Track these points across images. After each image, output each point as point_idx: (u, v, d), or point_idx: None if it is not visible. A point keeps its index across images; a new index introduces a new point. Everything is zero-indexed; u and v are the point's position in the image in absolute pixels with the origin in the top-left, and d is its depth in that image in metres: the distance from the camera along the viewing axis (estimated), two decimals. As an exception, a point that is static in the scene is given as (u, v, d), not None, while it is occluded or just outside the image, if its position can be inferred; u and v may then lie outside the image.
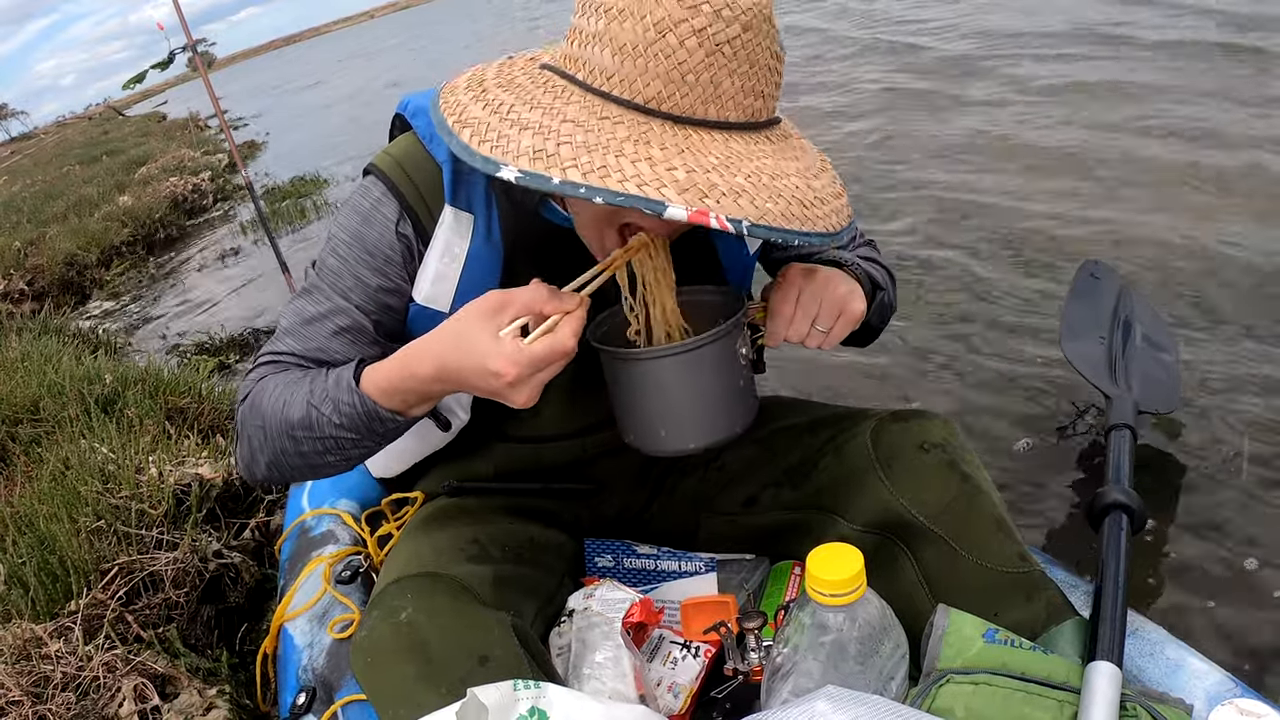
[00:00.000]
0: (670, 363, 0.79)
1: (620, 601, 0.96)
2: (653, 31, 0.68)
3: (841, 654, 0.74)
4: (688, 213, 0.64)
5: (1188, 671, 0.86)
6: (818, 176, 0.76)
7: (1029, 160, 3.22)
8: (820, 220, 0.71)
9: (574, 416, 1.02)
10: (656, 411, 0.83)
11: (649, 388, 0.82)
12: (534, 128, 0.70)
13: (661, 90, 0.69)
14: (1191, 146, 2.93)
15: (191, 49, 3.11)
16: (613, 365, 0.85)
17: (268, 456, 0.87)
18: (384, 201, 0.89)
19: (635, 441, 0.87)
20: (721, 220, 0.65)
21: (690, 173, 0.67)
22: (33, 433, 2.21)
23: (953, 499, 0.91)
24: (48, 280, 5.46)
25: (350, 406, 0.81)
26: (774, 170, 0.71)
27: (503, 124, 0.71)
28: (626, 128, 0.69)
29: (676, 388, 0.80)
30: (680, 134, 0.70)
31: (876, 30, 6.47)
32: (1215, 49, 3.82)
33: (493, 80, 0.78)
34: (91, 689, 1.24)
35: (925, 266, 2.61)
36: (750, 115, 0.73)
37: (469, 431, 1.03)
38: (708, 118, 0.71)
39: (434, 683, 0.75)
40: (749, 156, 0.71)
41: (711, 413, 0.83)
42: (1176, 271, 2.18)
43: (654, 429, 0.83)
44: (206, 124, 14.87)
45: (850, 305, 0.87)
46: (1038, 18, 5.32)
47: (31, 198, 9.30)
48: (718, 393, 0.82)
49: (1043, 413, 1.80)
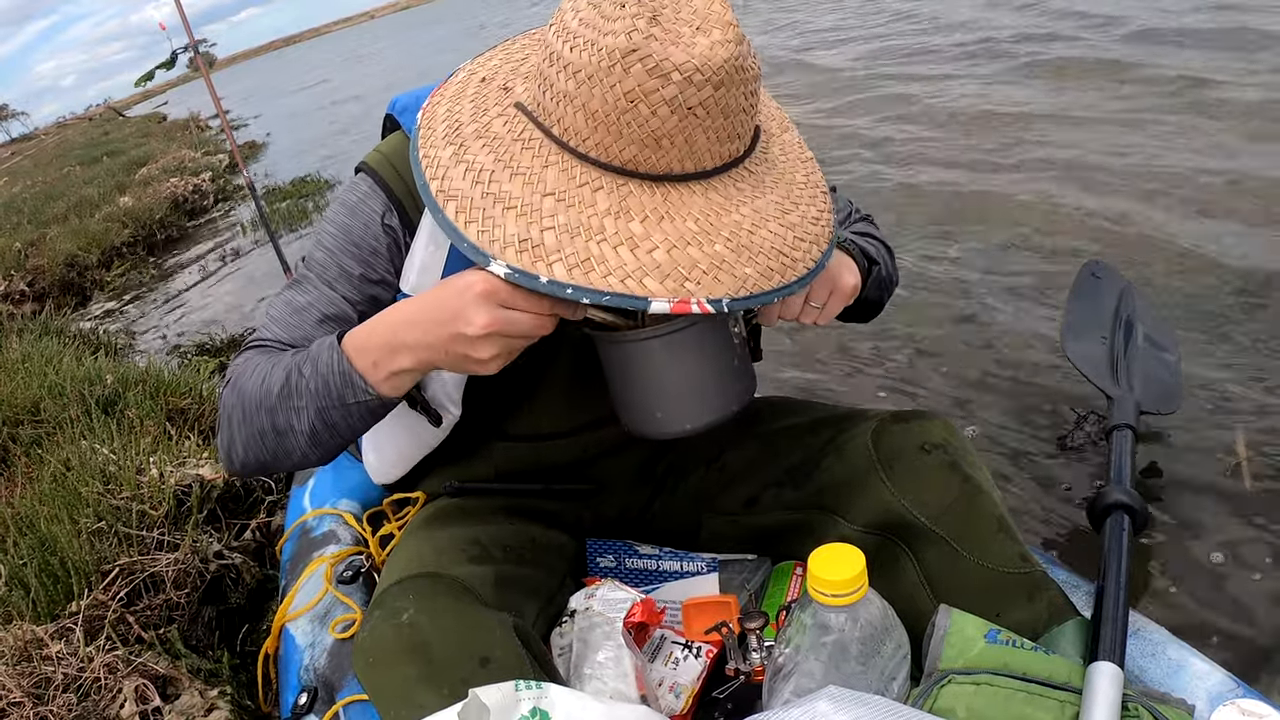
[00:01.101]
0: (662, 342, 0.79)
1: (621, 601, 0.96)
2: (624, 101, 0.68)
3: (843, 654, 0.74)
4: (670, 305, 0.67)
5: (1189, 672, 0.86)
6: (797, 203, 0.76)
7: (1030, 161, 3.22)
8: (800, 262, 0.74)
9: (573, 414, 1.02)
10: (652, 393, 0.81)
11: (643, 369, 0.81)
12: (517, 206, 0.70)
13: (637, 154, 0.70)
14: (1192, 147, 2.93)
15: (193, 49, 3.11)
16: (606, 348, 0.83)
17: (244, 437, 0.85)
18: (371, 195, 0.90)
19: (631, 425, 0.85)
20: (703, 305, 0.67)
21: (671, 251, 0.68)
22: (33, 434, 2.21)
23: (954, 499, 0.91)
24: (48, 281, 5.46)
25: (327, 366, 0.80)
26: (754, 221, 0.73)
27: (485, 200, 0.72)
28: (606, 195, 0.70)
29: (670, 368, 0.80)
30: (659, 195, 0.71)
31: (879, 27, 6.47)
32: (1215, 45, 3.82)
33: (469, 123, 0.77)
34: (93, 690, 1.24)
35: (925, 267, 2.61)
36: (727, 158, 0.74)
37: (467, 431, 1.02)
38: (685, 171, 0.72)
39: (435, 684, 0.75)
40: (728, 208, 0.72)
41: (707, 392, 0.82)
42: (1176, 272, 2.18)
43: (650, 412, 0.82)
44: (207, 124, 14.88)
45: (842, 280, 0.88)
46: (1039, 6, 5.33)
47: (32, 199, 9.30)
48: (712, 372, 0.81)
49: (1044, 413, 1.80)
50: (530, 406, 1.00)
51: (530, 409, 1.00)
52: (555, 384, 0.98)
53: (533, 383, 0.97)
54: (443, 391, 0.96)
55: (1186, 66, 3.71)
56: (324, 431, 0.83)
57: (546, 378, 0.97)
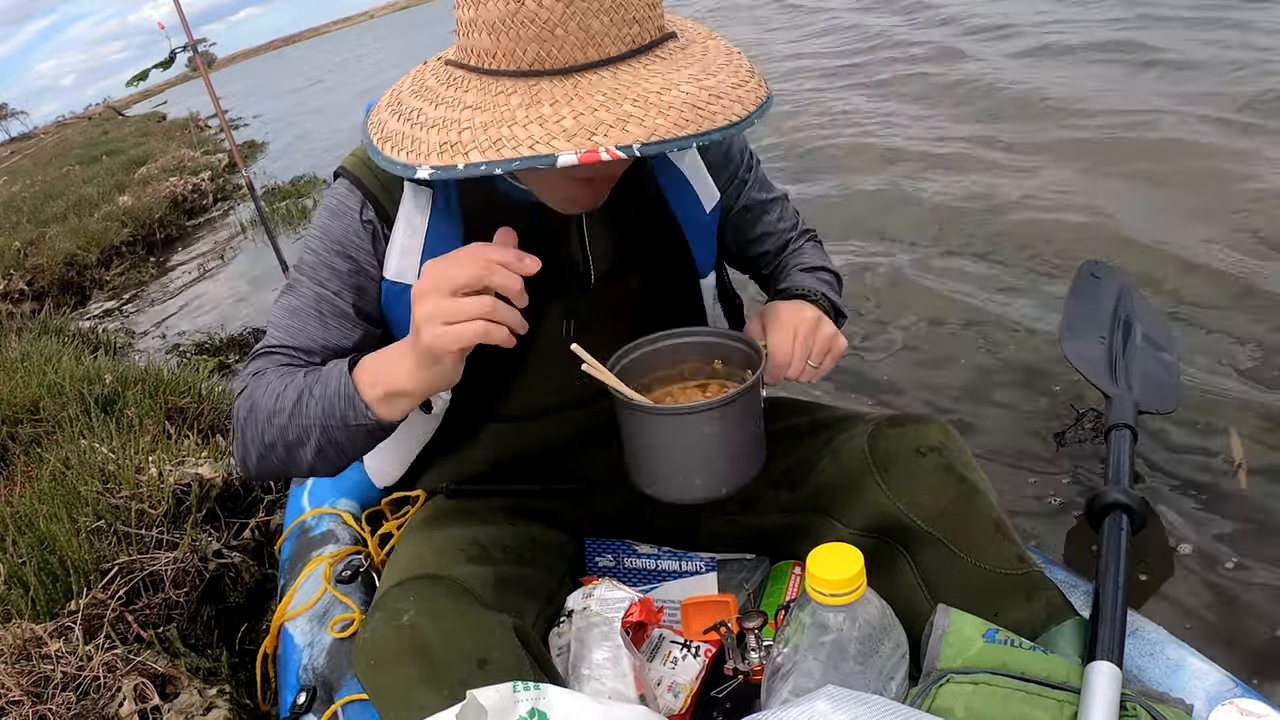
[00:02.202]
0: (717, 414, 0.82)
1: (619, 601, 0.96)
2: (512, 4, 0.71)
3: (841, 654, 0.74)
4: (577, 156, 0.68)
5: (1188, 671, 0.86)
6: (715, 74, 0.77)
7: (1028, 161, 3.22)
8: (720, 115, 0.73)
9: (558, 391, 1.03)
10: (695, 460, 0.85)
11: (690, 439, 0.84)
12: (439, 124, 0.75)
13: (539, 51, 0.73)
14: (1193, 146, 2.93)
15: (192, 48, 3.11)
16: (648, 421, 0.86)
17: (257, 449, 0.89)
18: (349, 195, 0.95)
19: (659, 491, 0.88)
20: (611, 151, 0.68)
21: (578, 117, 0.70)
22: (33, 433, 2.21)
23: (950, 502, 0.91)
24: (48, 280, 5.45)
25: (335, 390, 0.84)
26: (663, 85, 0.73)
27: (415, 129, 0.77)
28: (519, 95, 0.73)
29: (718, 436, 0.83)
30: (568, 84, 0.72)
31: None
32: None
33: (408, 91, 0.84)
34: (91, 689, 1.24)
35: (924, 268, 2.61)
36: (632, 43, 0.75)
37: (459, 417, 1.04)
38: (589, 60, 0.73)
39: (435, 685, 0.75)
40: (637, 81, 0.73)
41: (745, 455, 0.87)
42: (1176, 272, 2.18)
43: (689, 479, 0.86)
44: (206, 124, 14.86)
45: (837, 343, 0.95)
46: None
47: (31, 198, 9.29)
48: (750, 435, 0.86)
49: (1043, 413, 1.80)
50: (516, 385, 1.03)
51: (517, 388, 1.03)
52: (538, 363, 1.00)
53: (517, 363, 0.99)
54: None
55: (1188, 61, 3.72)
56: (330, 449, 0.87)
57: (529, 358, 0.99)
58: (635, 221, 1.00)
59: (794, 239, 1.16)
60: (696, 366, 0.97)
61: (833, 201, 3.37)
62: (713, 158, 1.05)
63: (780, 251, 1.15)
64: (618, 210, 0.97)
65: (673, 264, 1.04)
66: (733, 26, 9.21)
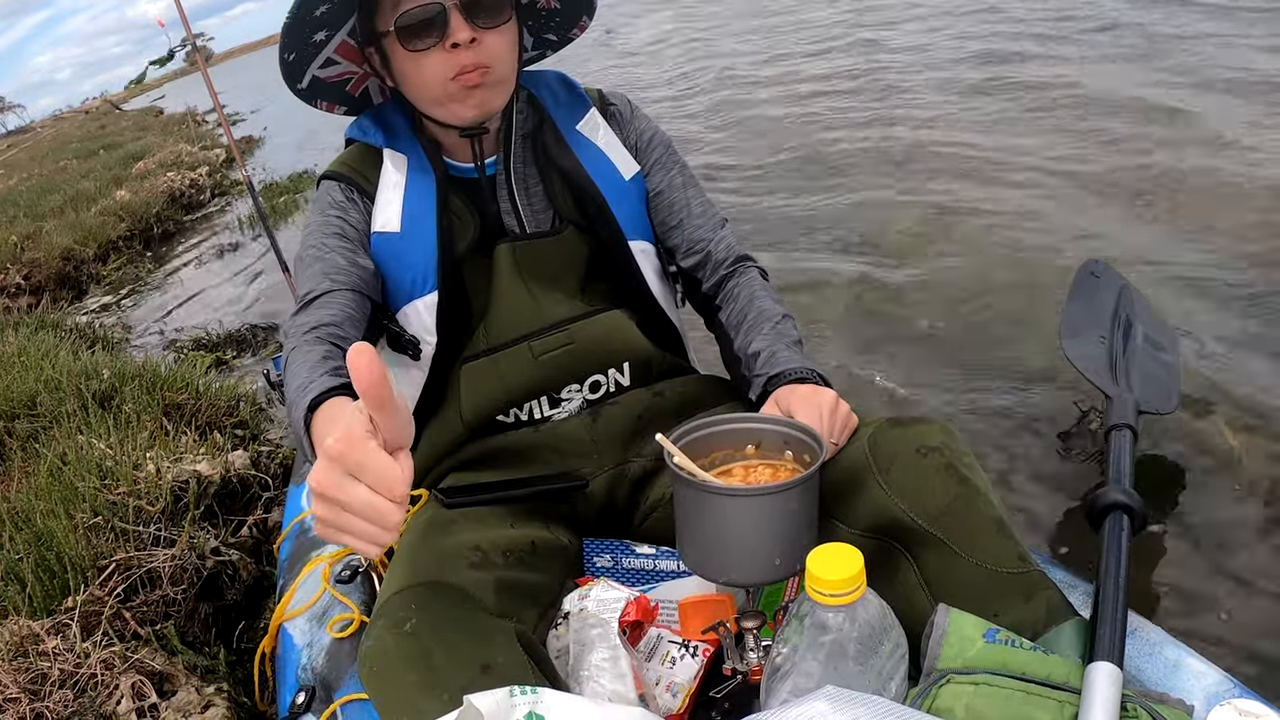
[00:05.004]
0: (800, 490, 0.84)
1: (615, 601, 0.95)
2: None
3: (841, 654, 0.74)
4: None
5: (1187, 672, 0.86)
6: None
7: (1028, 162, 3.22)
8: None
9: (515, 323, 1.10)
10: (780, 538, 0.86)
11: (770, 518, 0.85)
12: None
13: None
14: (1192, 146, 2.93)
15: (191, 43, 3.09)
16: (737, 505, 0.85)
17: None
18: (333, 187, 1.11)
19: (739, 577, 0.88)
20: None
21: None
22: (30, 428, 2.21)
23: (950, 501, 0.91)
24: (44, 275, 5.44)
25: (297, 422, 0.86)
26: None
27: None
28: None
29: (792, 515, 0.85)
30: None
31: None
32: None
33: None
34: (89, 686, 1.24)
35: (923, 269, 2.61)
36: None
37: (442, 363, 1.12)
38: None
39: (438, 692, 0.76)
40: None
41: (814, 528, 0.88)
42: (1176, 272, 2.18)
43: (770, 558, 0.86)
44: (204, 119, 14.82)
45: (852, 419, 1.00)
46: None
47: (28, 192, 9.27)
48: (815, 512, 0.89)
49: (1043, 413, 1.80)
50: (481, 326, 1.12)
51: (481, 328, 1.12)
52: (496, 301, 1.11)
53: (484, 302, 1.11)
54: (420, 325, 1.10)
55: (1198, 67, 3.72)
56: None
57: (490, 298, 1.10)
58: (560, 185, 1.13)
59: (730, 260, 1.19)
60: (728, 454, 0.96)
61: (829, 205, 3.37)
62: (627, 139, 1.18)
63: (718, 266, 1.19)
64: (542, 176, 1.13)
65: (599, 222, 1.13)
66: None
